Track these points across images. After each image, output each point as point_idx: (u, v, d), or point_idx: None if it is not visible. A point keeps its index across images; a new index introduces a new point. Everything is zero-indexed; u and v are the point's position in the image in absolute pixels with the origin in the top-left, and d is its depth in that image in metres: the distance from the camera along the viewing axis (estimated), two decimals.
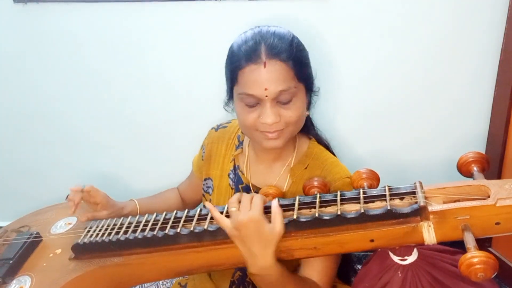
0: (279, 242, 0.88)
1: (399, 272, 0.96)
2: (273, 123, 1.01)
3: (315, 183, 0.96)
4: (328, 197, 0.88)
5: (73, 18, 1.61)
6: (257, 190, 1.19)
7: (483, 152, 1.62)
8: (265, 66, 0.98)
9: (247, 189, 1.21)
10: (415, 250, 0.96)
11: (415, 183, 0.82)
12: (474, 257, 0.65)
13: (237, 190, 1.21)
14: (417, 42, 1.49)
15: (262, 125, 1.03)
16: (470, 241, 0.69)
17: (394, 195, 0.82)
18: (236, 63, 1.03)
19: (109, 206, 1.20)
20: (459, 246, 0.81)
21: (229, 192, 1.22)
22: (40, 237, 1.20)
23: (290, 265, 1.10)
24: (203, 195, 1.30)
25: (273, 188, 1.01)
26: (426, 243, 0.79)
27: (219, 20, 1.54)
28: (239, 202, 0.92)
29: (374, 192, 0.84)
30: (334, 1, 1.46)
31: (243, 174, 1.21)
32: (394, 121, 1.66)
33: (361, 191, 0.85)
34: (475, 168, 0.84)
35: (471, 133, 1.64)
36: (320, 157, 1.15)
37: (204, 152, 1.29)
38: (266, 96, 1.00)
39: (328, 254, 0.90)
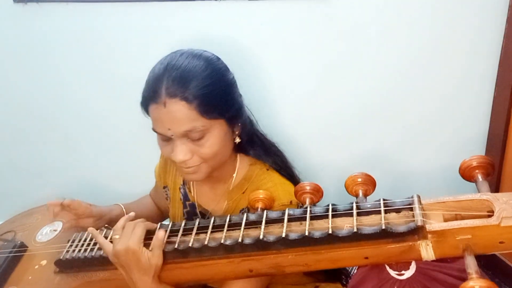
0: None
1: (396, 287, 0.93)
2: (184, 161, 0.99)
3: (307, 188, 0.91)
4: (319, 211, 0.83)
5: (73, 18, 1.60)
6: (202, 209, 1.19)
7: (483, 153, 1.61)
8: (165, 106, 0.95)
9: (193, 207, 1.20)
10: (413, 264, 0.93)
11: (412, 197, 0.77)
12: (475, 287, 0.61)
13: (185, 207, 1.21)
14: (416, 42, 1.47)
15: (175, 161, 1.00)
16: (471, 265, 0.64)
17: (389, 210, 0.77)
18: (143, 98, 1.02)
19: (93, 214, 1.18)
20: None
21: (180, 206, 1.22)
22: (26, 246, 1.19)
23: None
24: (166, 203, 1.30)
25: (263, 193, 0.96)
26: (424, 260, 0.75)
27: (219, 20, 1.53)
28: (123, 229, 0.93)
29: (368, 206, 0.80)
30: (334, 1, 1.44)
31: (189, 191, 1.20)
32: (393, 122, 1.64)
33: (355, 205, 0.80)
34: (478, 175, 0.79)
35: (471, 134, 1.62)
36: (256, 181, 1.11)
37: (162, 160, 1.29)
38: (172, 135, 0.97)
39: (320, 269, 0.86)
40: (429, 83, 1.54)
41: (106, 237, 0.99)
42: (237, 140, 1.07)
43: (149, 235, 0.92)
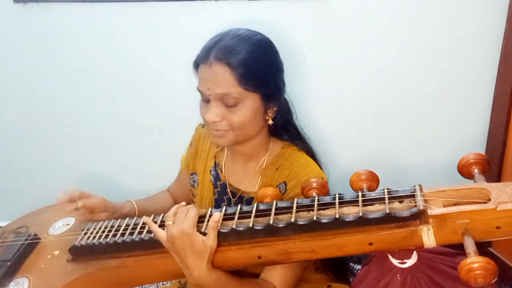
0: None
1: (398, 275, 0.96)
2: (213, 122, 1.06)
3: (314, 185, 0.95)
4: (327, 199, 0.87)
5: (73, 18, 1.62)
6: (233, 188, 1.22)
7: (483, 152, 1.63)
8: (210, 67, 1.03)
9: (224, 187, 1.24)
10: (414, 253, 0.95)
11: (414, 186, 0.81)
12: (474, 263, 0.64)
13: (215, 187, 1.25)
14: (417, 42, 1.49)
15: (207, 121, 1.07)
16: (470, 245, 0.68)
17: (393, 198, 0.81)
18: (196, 58, 1.09)
19: (108, 209, 1.21)
20: (460, 247, 0.80)
21: (210, 188, 1.26)
22: (38, 238, 1.20)
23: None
24: (190, 189, 1.33)
25: (271, 189, 1.00)
26: (425, 247, 0.78)
27: (219, 20, 1.53)
28: (175, 215, 0.94)
29: (373, 194, 0.83)
30: (334, 1, 1.46)
31: (221, 172, 1.25)
32: (393, 122, 1.66)
33: (360, 193, 0.84)
34: (476, 170, 0.83)
35: (471, 133, 1.63)
36: (290, 158, 1.16)
37: (192, 148, 1.33)
38: (209, 95, 1.05)
39: (326, 257, 0.89)
40: (429, 83, 1.55)
41: (128, 224, 1.03)
42: (270, 122, 1.13)
43: (199, 218, 0.94)
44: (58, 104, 1.81)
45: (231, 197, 1.23)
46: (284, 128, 1.19)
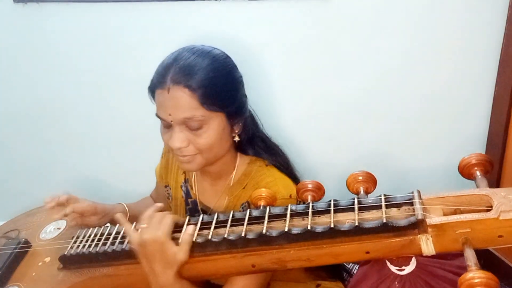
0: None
1: (396, 283, 0.94)
2: (180, 148, 1.02)
3: (309, 186, 0.93)
4: (321, 206, 0.84)
5: (73, 18, 1.61)
6: (203, 206, 1.20)
7: (483, 152, 1.61)
8: (168, 92, 0.98)
9: (195, 204, 1.22)
10: (413, 259, 0.94)
11: (412, 192, 0.78)
12: (474, 278, 0.62)
13: (187, 204, 1.23)
14: (417, 43, 1.48)
15: (172, 147, 1.03)
16: (470, 258, 0.65)
17: (390, 205, 0.78)
18: (151, 83, 1.04)
19: (97, 212, 1.19)
20: None
21: (182, 204, 1.24)
22: (29, 244, 1.19)
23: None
24: (167, 201, 1.31)
25: (265, 191, 0.97)
26: (424, 255, 0.76)
27: (219, 20, 1.54)
28: (151, 218, 0.92)
29: (369, 201, 0.81)
30: (334, 1, 1.45)
31: (191, 188, 1.22)
32: (393, 121, 1.64)
33: (356, 200, 0.81)
34: (477, 172, 0.80)
35: (471, 134, 1.62)
36: (256, 176, 1.13)
37: (164, 160, 1.31)
38: (171, 121, 1.00)
39: (322, 264, 0.87)
40: (429, 83, 1.54)
41: (118, 232, 1.00)
42: (236, 138, 1.09)
43: (175, 228, 0.92)
44: (58, 104, 1.81)
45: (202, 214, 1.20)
46: (250, 142, 1.15)
